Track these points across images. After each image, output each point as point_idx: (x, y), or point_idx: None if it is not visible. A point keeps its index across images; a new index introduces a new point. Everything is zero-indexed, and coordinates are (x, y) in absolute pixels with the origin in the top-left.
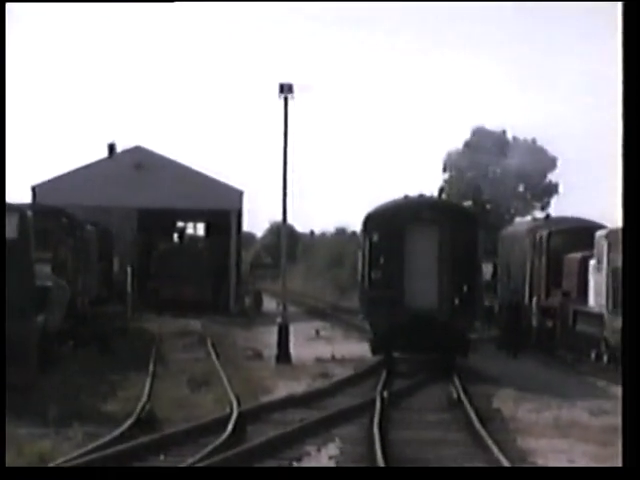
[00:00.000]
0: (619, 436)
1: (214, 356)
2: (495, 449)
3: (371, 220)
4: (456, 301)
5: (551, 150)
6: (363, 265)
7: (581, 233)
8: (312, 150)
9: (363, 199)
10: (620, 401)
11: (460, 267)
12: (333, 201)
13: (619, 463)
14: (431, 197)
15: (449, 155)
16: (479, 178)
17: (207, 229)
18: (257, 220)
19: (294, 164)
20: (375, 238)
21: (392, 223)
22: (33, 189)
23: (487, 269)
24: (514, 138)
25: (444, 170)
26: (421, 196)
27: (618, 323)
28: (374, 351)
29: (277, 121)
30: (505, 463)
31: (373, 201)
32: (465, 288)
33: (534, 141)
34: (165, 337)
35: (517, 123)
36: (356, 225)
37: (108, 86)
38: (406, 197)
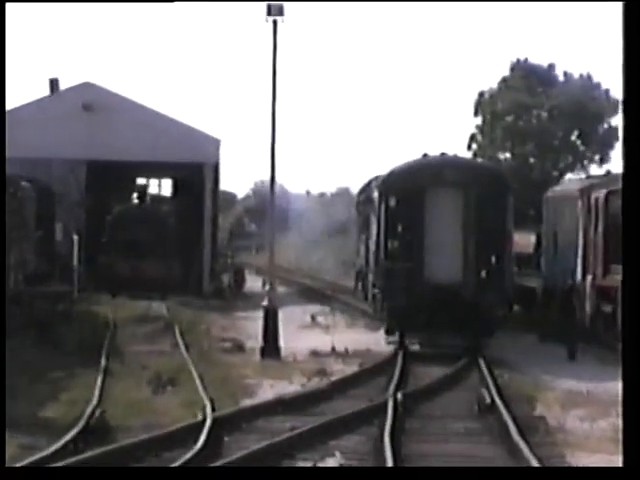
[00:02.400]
0: None
1: (183, 348)
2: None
3: (387, 183)
4: (483, 274)
5: (613, 90)
6: (378, 233)
7: None
8: (307, 90)
9: (371, 153)
10: None
11: (488, 236)
12: (333, 155)
13: None
14: (455, 156)
15: (482, 96)
16: (520, 124)
17: (175, 187)
18: (238, 177)
19: (285, 107)
20: (392, 203)
21: (411, 186)
22: None
23: (529, 240)
24: (565, 74)
25: (475, 114)
26: (443, 154)
27: None
28: (389, 330)
29: (264, 51)
30: None
31: (384, 156)
32: (493, 259)
33: (590, 78)
34: (121, 324)
35: (569, 55)
36: (359, 184)
37: (50, 7)
38: (425, 156)
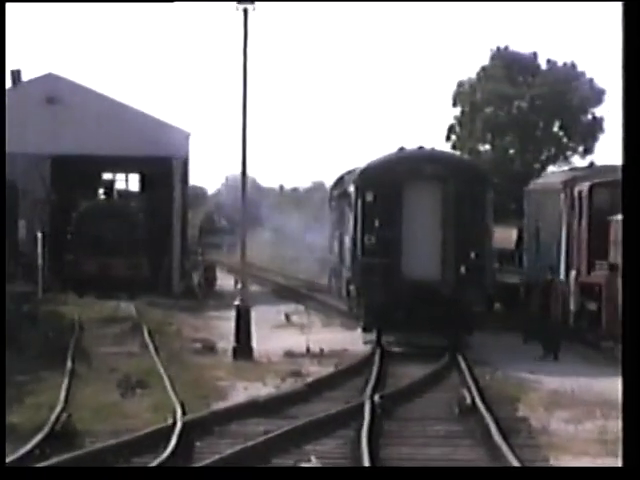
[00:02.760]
0: None
1: (152, 350)
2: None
3: (364, 177)
4: (462, 270)
5: (597, 79)
6: (355, 229)
7: None
8: (280, 80)
9: (346, 146)
10: None
11: (467, 231)
12: (307, 147)
13: None
14: (432, 149)
15: (461, 86)
16: (500, 115)
17: (142, 182)
18: (208, 171)
19: (256, 99)
20: (369, 197)
21: (388, 180)
22: None
23: (510, 235)
24: (548, 62)
25: (454, 105)
26: (420, 148)
27: None
28: (366, 328)
29: (234, 40)
30: None
31: (359, 149)
32: (473, 255)
33: (574, 66)
34: (88, 324)
35: (552, 44)
36: (334, 178)
37: None
38: (402, 149)
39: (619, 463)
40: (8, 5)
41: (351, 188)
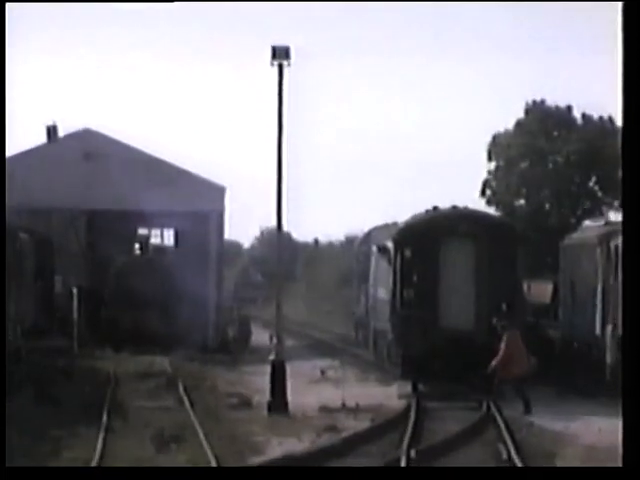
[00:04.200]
0: None
1: (187, 404)
2: None
3: (402, 235)
4: (494, 321)
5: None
6: (394, 283)
7: None
8: (315, 135)
9: (381, 199)
10: None
11: (499, 284)
12: (342, 201)
13: None
14: (466, 208)
15: (496, 139)
16: (535, 169)
17: (177, 237)
18: (244, 226)
19: (291, 153)
20: (407, 254)
21: (425, 238)
22: None
23: (546, 290)
24: (583, 116)
25: (489, 159)
26: (454, 207)
27: None
28: (404, 375)
29: (269, 96)
30: None
31: (393, 202)
32: (504, 307)
33: (611, 121)
34: (123, 379)
35: (587, 97)
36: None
37: (48, 52)
38: (436, 208)
39: None
40: (49, 56)
41: (390, 244)
